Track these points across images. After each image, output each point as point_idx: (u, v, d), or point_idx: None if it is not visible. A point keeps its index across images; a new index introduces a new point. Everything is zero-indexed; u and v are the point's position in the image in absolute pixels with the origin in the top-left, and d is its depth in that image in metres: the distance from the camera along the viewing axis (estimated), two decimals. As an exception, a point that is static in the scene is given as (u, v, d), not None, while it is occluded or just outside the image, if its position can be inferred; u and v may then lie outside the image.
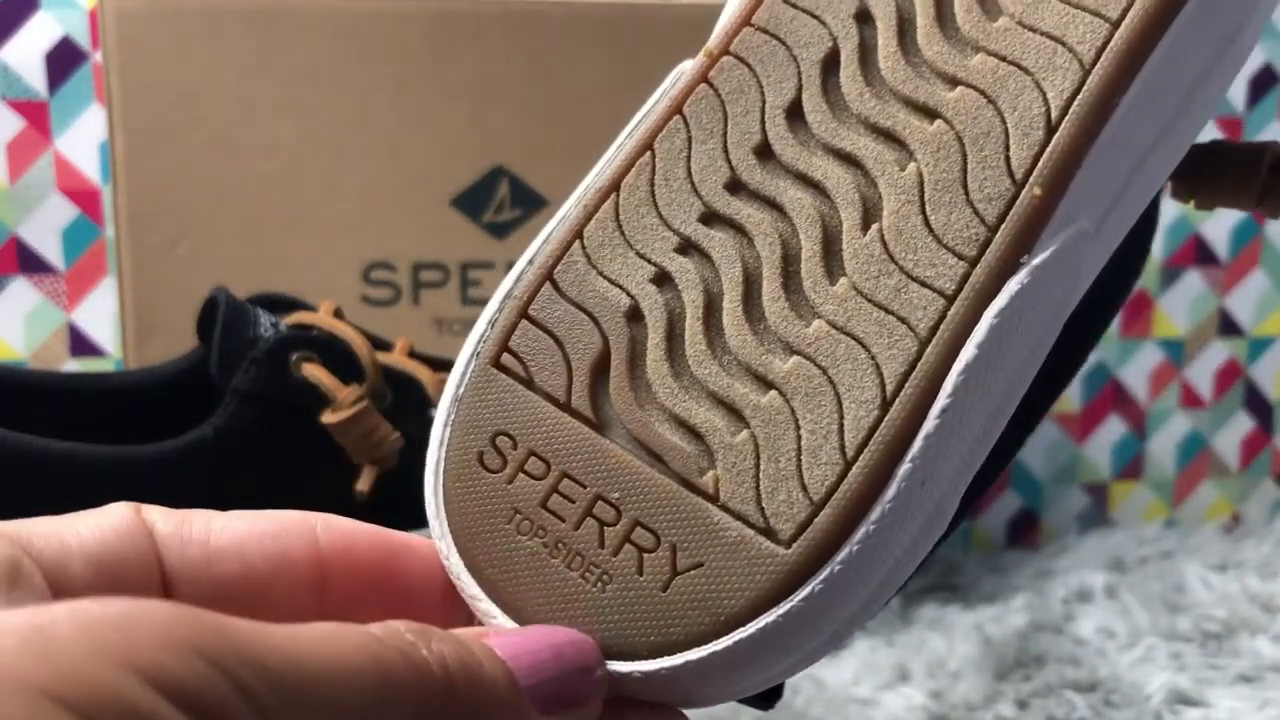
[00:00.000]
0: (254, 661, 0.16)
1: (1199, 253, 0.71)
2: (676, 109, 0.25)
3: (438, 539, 0.24)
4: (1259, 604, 0.54)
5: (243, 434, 0.43)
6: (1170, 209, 0.68)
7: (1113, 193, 0.24)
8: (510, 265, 0.58)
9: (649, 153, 0.25)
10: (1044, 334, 0.23)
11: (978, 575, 0.62)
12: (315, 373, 0.43)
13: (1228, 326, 0.71)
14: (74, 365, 0.64)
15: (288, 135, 0.56)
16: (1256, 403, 0.72)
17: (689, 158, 0.25)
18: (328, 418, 0.43)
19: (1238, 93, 0.69)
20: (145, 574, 0.21)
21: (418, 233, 0.57)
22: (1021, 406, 0.24)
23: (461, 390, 0.24)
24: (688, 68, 0.26)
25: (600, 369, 0.24)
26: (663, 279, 0.24)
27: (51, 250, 0.64)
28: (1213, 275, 0.71)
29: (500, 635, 0.21)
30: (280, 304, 0.47)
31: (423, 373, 0.46)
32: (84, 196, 0.63)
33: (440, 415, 0.24)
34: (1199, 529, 0.68)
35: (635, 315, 0.24)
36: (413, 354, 0.47)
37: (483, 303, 0.58)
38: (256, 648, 0.16)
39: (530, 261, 0.25)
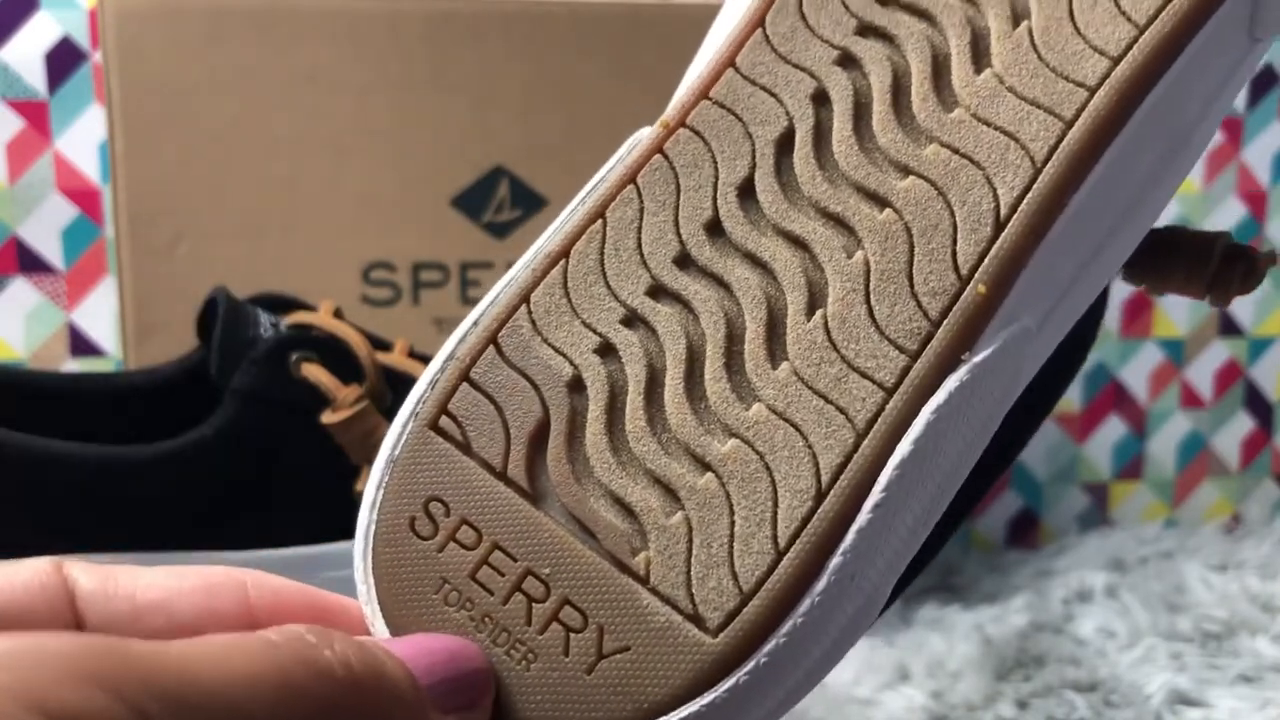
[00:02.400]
0: (154, 686, 0.16)
1: (1199, 253, 0.70)
2: (631, 178, 0.25)
3: (364, 604, 0.23)
4: (1259, 604, 0.54)
5: (242, 434, 0.43)
6: (1171, 207, 0.68)
7: (1058, 291, 0.24)
8: (510, 265, 0.59)
9: (601, 221, 0.25)
10: (981, 430, 0.23)
11: (978, 575, 0.62)
12: (315, 373, 0.43)
13: (1228, 326, 0.71)
14: (74, 365, 0.64)
15: (288, 135, 0.56)
16: (1256, 403, 0.72)
17: (640, 229, 0.24)
18: (328, 418, 0.43)
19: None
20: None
21: (418, 233, 0.57)
22: (958, 497, 0.23)
23: (397, 452, 0.24)
24: (644, 135, 0.25)
25: (539, 439, 0.23)
26: (607, 350, 0.24)
27: (51, 250, 0.64)
28: (1213, 275, 0.71)
29: (397, 640, 0.21)
30: (280, 304, 0.47)
31: (422, 373, 0.46)
32: (84, 196, 0.63)
33: (374, 477, 0.24)
34: (1199, 529, 0.68)
35: (577, 385, 0.24)
36: (413, 354, 0.47)
37: (483, 303, 0.57)
38: (155, 672, 0.16)
39: (475, 323, 0.25)
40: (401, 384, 0.45)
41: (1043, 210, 0.22)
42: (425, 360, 0.47)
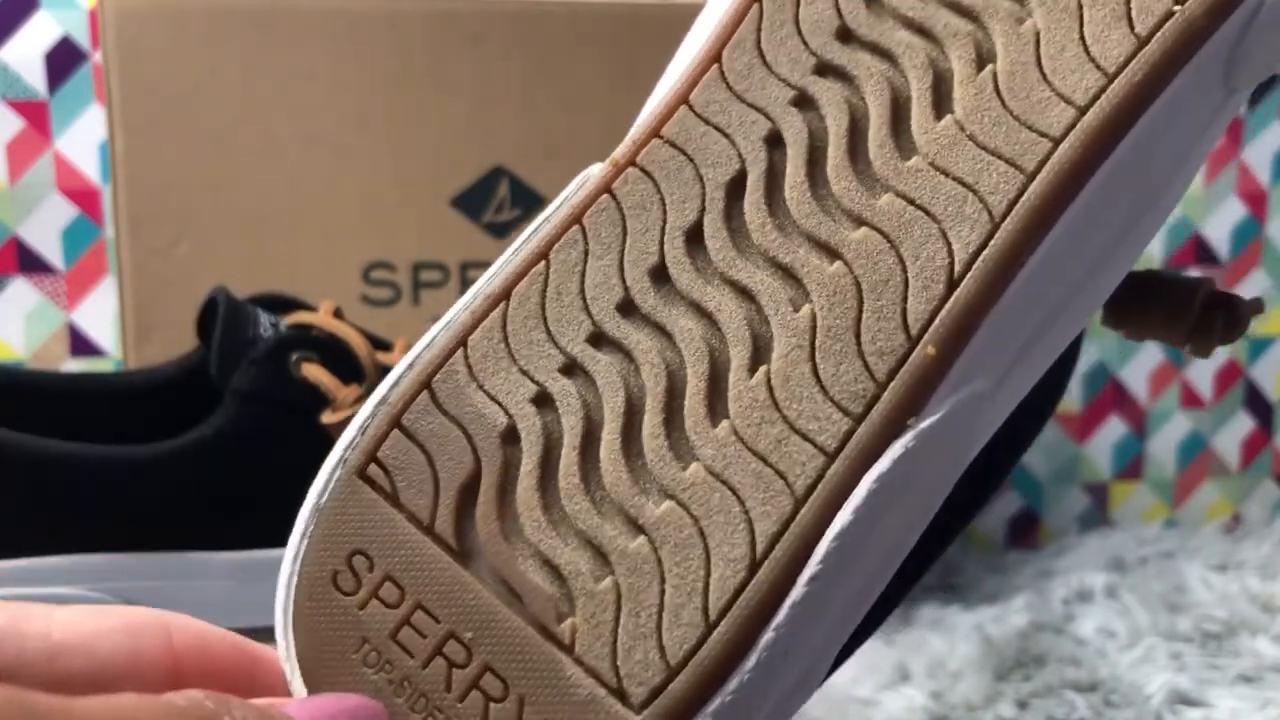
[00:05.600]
0: None
1: (1199, 252, 0.71)
2: (576, 218, 0.23)
3: (284, 659, 0.22)
4: (1259, 604, 0.54)
5: (242, 434, 0.43)
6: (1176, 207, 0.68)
7: (1014, 352, 0.22)
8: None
9: (544, 262, 0.23)
10: (928, 499, 0.22)
11: (978, 575, 0.62)
12: (315, 373, 0.43)
13: (1228, 326, 0.71)
14: (74, 365, 0.64)
15: (288, 135, 0.56)
16: (1256, 403, 0.72)
17: (584, 273, 0.23)
18: (328, 418, 0.43)
19: (1238, 93, 0.69)
20: None
21: (418, 233, 0.57)
22: (908, 558, 0.22)
23: (324, 500, 0.23)
24: (593, 173, 0.24)
25: (469, 492, 0.22)
26: (543, 400, 0.22)
27: (51, 250, 0.64)
28: (1213, 275, 0.71)
29: (297, 702, 0.20)
30: (280, 304, 0.47)
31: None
32: (84, 196, 0.63)
33: (299, 526, 0.23)
34: (1199, 529, 0.68)
35: (511, 437, 0.22)
36: (413, 354, 0.47)
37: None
38: None
39: (410, 366, 0.23)
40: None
41: (999, 268, 0.21)
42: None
